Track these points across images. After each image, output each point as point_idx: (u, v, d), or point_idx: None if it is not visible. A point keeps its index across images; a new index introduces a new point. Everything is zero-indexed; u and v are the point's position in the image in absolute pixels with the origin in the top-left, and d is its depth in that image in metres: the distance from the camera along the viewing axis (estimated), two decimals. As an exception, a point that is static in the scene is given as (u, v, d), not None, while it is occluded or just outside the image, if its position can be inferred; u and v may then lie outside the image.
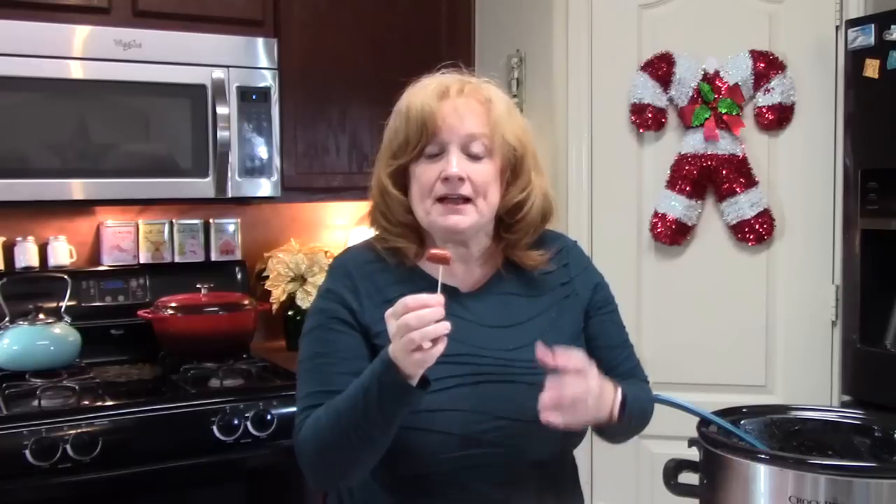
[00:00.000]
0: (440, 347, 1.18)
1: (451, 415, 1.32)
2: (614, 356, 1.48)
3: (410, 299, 1.18)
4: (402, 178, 1.40)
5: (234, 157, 2.59)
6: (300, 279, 2.92)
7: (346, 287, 1.40)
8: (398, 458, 1.31)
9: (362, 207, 2.97)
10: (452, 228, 1.36)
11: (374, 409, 1.23)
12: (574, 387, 1.23)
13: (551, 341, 1.41)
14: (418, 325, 1.16)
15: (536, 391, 1.35)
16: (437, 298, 1.18)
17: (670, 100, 2.56)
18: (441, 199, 1.35)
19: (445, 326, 1.17)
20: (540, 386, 1.35)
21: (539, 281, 1.45)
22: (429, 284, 1.37)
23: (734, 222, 2.54)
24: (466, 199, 1.35)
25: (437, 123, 1.35)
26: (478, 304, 1.41)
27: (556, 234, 1.53)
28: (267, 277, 2.93)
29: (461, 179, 1.34)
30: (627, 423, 1.36)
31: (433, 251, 1.27)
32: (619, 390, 1.33)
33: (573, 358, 1.25)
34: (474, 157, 1.36)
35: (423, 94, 1.37)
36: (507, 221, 1.43)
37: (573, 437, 1.43)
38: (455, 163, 1.34)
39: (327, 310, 1.40)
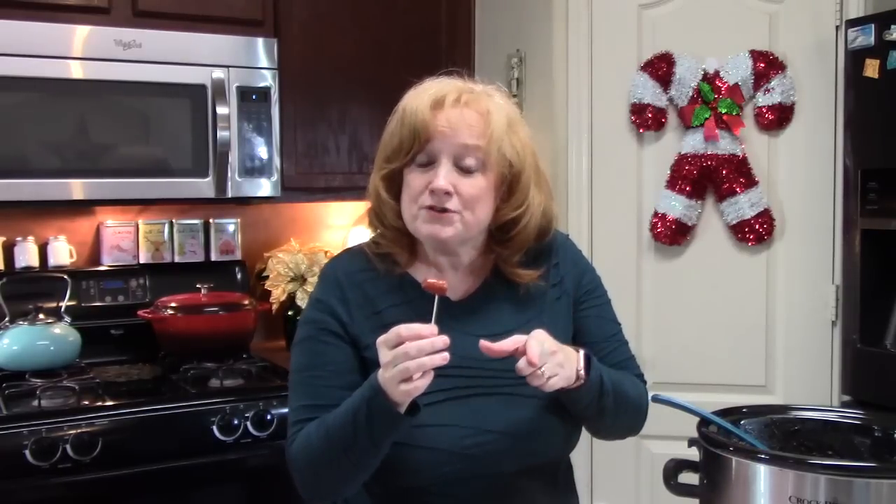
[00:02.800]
0: (426, 380, 1.18)
1: (440, 430, 1.31)
2: (600, 350, 1.43)
3: (404, 329, 1.17)
4: (397, 182, 1.38)
5: (234, 157, 2.59)
6: (300, 279, 2.92)
7: (336, 297, 1.39)
8: (389, 473, 1.31)
9: (362, 207, 2.97)
10: (434, 237, 1.34)
11: (364, 434, 1.23)
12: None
13: None
14: (417, 356, 1.16)
15: (526, 403, 1.35)
16: (431, 328, 1.17)
17: (670, 100, 2.56)
18: (428, 207, 1.33)
19: (444, 357, 1.16)
20: (529, 397, 1.34)
21: (529, 286, 1.42)
22: (418, 294, 1.36)
23: (734, 222, 2.54)
24: (452, 211, 1.32)
25: (428, 132, 1.32)
26: (467, 314, 1.39)
27: None
28: (267, 277, 2.92)
29: (448, 193, 1.31)
30: (598, 393, 1.33)
31: (430, 280, 1.25)
32: (582, 350, 1.31)
33: (508, 343, 1.23)
34: (466, 171, 1.32)
35: (418, 100, 1.34)
36: (499, 237, 1.40)
37: (566, 444, 1.42)
38: (443, 176, 1.31)
39: (317, 321, 1.39)
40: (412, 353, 1.16)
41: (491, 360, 1.35)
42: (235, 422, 2.29)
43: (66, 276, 2.61)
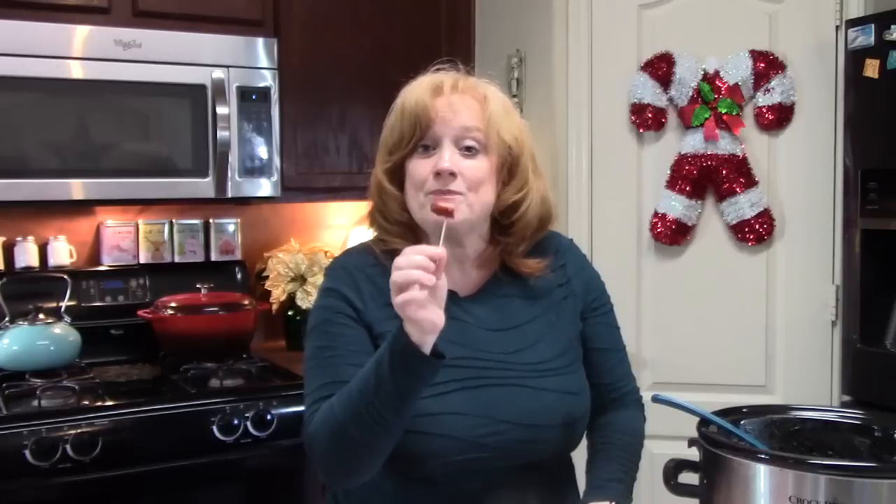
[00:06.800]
0: (430, 314, 1.15)
1: (453, 419, 1.31)
2: (606, 359, 1.48)
3: (408, 249, 1.17)
4: (399, 176, 1.40)
5: (234, 157, 2.59)
6: (300, 279, 2.92)
7: (349, 286, 1.39)
8: (399, 461, 1.30)
9: (362, 207, 2.96)
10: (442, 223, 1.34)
11: (388, 382, 1.19)
12: None
13: (551, 343, 1.41)
14: (406, 266, 1.15)
15: (537, 395, 1.36)
16: (439, 252, 1.16)
17: (670, 100, 2.56)
18: (434, 193, 1.33)
19: (430, 278, 1.14)
20: (541, 390, 1.36)
21: (537, 283, 1.44)
22: None
23: (734, 222, 2.54)
24: (458, 193, 1.33)
25: (430, 117, 1.34)
26: (477, 307, 1.41)
27: (551, 232, 1.51)
28: (267, 277, 2.93)
29: (452, 174, 1.32)
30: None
31: (438, 203, 1.26)
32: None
33: None
34: (468, 153, 1.35)
35: (417, 90, 1.37)
36: (502, 223, 1.41)
37: (573, 439, 1.43)
38: (447, 157, 1.32)
39: (331, 306, 1.38)
40: (401, 265, 1.15)
41: (501, 353, 1.37)
42: (235, 422, 2.29)
43: (66, 276, 2.61)
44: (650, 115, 2.56)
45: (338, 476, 1.34)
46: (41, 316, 2.48)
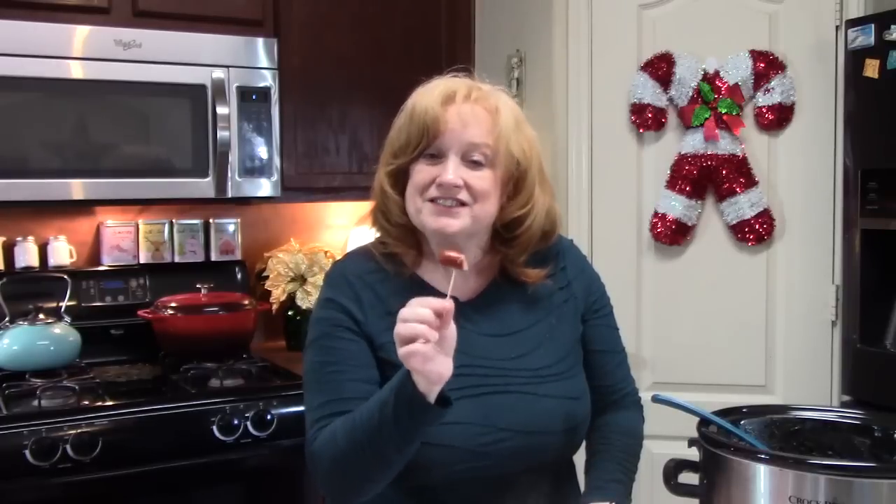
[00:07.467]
0: (437, 367, 1.14)
1: (455, 428, 1.30)
2: (606, 361, 1.48)
3: (414, 300, 1.16)
4: (402, 179, 1.38)
5: (234, 157, 2.59)
6: (300, 279, 2.92)
7: (349, 297, 1.37)
8: (403, 470, 1.29)
9: (362, 207, 2.97)
10: (441, 231, 1.33)
11: (390, 425, 1.20)
12: None
13: (552, 348, 1.41)
14: (410, 319, 1.14)
15: (537, 401, 1.36)
16: (445, 304, 1.15)
17: (670, 100, 2.56)
18: (433, 200, 1.33)
19: (434, 335, 1.13)
20: (541, 396, 1.36)
21: (537, 287, 1.43)
22: (429, 294, 1.36)
23: (734, 222, 2.54)
24: (461, 203, 1.32)
25: (438, 128, 1.32)
26: (477, 314, 1.40)
27: None
28: (267, 277, 2.93)
29: (457, 187, 1.31)
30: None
31: (447, 253, 1.23)
32: None
33: None
34: (474, 165, 1.33)
35: (429, 96, 1.35)
36: (504, 236, 1.40)
37: (574, 443, 1.44)
38: (452, 170, 1.31)
39: (331, 318, 1.37)
40: (406, 317, 1.14)
41: (502, 359, 1.37)
42: (235, 422, 2.29)
43: (66, 276, 2.61)
44: (650, 115, 2.56)
45: (339, 497, 1.36)
46: (41, 316, 2.48)
